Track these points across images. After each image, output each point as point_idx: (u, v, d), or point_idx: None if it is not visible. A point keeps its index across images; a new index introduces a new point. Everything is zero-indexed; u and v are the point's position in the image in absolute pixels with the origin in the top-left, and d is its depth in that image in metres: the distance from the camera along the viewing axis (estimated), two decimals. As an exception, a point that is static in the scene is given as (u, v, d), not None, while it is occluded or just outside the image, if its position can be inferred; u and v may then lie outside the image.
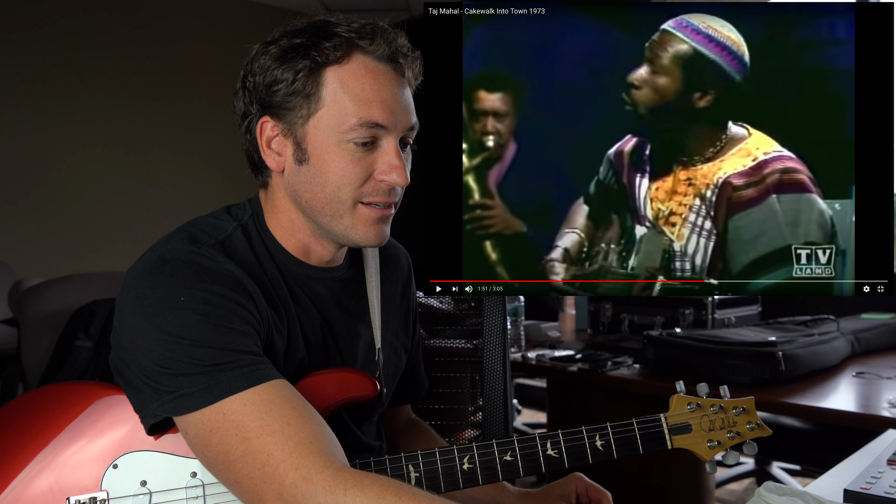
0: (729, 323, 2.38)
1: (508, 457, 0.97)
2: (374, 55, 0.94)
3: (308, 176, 0.95)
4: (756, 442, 1.05)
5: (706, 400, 1.04)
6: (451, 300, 1.49)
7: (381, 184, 0.96)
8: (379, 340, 1.08)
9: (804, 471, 2.86)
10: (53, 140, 4.39)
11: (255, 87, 0.96)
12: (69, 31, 4.42)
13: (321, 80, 0.93)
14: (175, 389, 0.86)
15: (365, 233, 0.97)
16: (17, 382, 2.68)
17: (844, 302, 2.55)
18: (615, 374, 1.94)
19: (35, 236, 4.32)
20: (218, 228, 0.98)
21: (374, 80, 0.93)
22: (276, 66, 0.94)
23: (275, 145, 0.97)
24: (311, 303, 1.02)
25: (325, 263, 1.04)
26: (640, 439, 1.00)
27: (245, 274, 0.92)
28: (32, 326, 2.54)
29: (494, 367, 1.37)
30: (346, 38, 0.93)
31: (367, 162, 0.94)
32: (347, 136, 0.93)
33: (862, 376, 1.84)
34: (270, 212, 1.02)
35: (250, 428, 0.83)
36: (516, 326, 2.41)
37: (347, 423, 1.05)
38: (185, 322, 0.86)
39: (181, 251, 0.91)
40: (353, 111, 0.92)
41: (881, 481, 1.00)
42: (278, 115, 0.95)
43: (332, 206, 0.95)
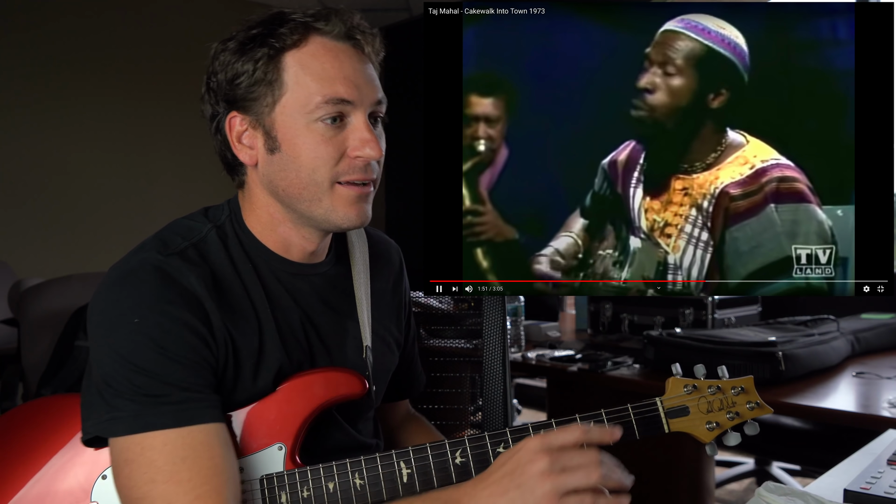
0: (729, 323, 2.37)
1: (501, 448, 0.96)
2: (330, 35, 0.95)
3: (282, 164, 0.95)
4: (757, 421, 1.03)
5: (703, 381, 1.02)
6: (450, 300, 1.49)
7: (356, 160, 0.95)
8: (368, 338, 1.07)
9: (804, 471, 2.86)
10: (54, 140, 4.39)
11: (218, 85, 0.97)
12: (70, 31, 4.42)
13: (281, 65, 0.93)
14: (111, 410, 0.87)
15: (346, 213, 0.96)
16: (17, 382, 2.68)
17: (844, 302, 2.55)
18: (615, 374, 1.94)
19: (35, 236, 4.32)
20: (192, 230, 0.98)
21: (333, 57, 0.94)
22: (236, 60, 0.94)
23: (245, 139, 0.97)
24: (293, 301, 1.01)
25: (308, 258, 1.03)
26: (635, 424, 0.99)
27: (206, 290, 0.92)
28: (32, 326, 2.54)
29: (494, 367, 1.37)
30: (301, 21, 0.94)
31: (338, 140, 0.94)
32: (314, 116, 0.93)
33: (862, 376, 1.84)
34: (248, 209, 1.02)
35: (161, 470, 0.85)
36: (516, 326, 2.41)
37: (340, 423, 1.04)
38: (134, 346, 0.87)
39: (148, 260, 0.91)
40: (317, 90, 0.92)
41: (881, 481, 1.00)
42: (245, 108, 0.96)
43: (310, 189, 0.95)
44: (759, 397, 1.03)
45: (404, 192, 6.02)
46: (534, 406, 4.24)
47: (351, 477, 0.93)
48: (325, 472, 0.93)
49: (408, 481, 0.94)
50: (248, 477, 0.93)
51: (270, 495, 0.93)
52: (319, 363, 1.02)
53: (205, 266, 0.94)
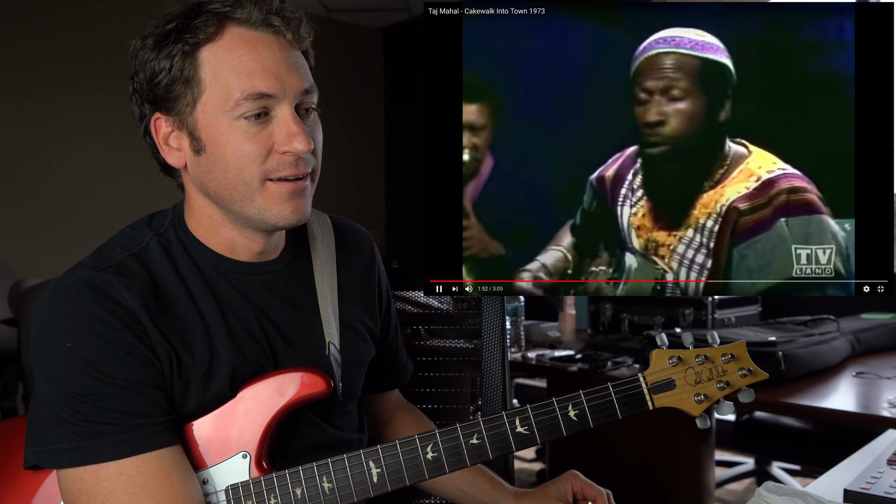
0: (729, 323, 2.38)
1: (475, 440, 0.93)
2: (247, 24, 0.89)
3: (209, 165, 0.91)
4: (752, 388, 0.96)
5: (690, 351, 0.96)
6: (451, 300, 1.48)
7: (285, 156, 0.90)
8: (334, 333, 1.03)
9: (804, 471, 2.86)
10: (54, 139, 4.39)
11: (140, 85, 0.93)
12: (68, 28, 4.42)
13: (197, 61, 0.89)
14: (52, 441, 0.85)
15: (280, 211, 0.92)
16: (17, 382, 2.68)
17: (844, 302, 2.55)
18: (615, 374, 1.94)
19: (35, 236, 4.32)
20: (133, 239, 0.96)
21: (251, 49, 0.89)
22: (153, 58, 0.90)
23: (172, 141, 0.94)
24: (246, 301, 0.97)
25: (257, 258, 1.00)
26: (617, 403, 0.94)
27: (143, 303, 0.89)
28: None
29: (493, 367, 1.37)
30: (215, 12, 0.89)
31: (263, 136, 0.89)
32: (236, 113, 0.88)
33: (862, 376, 1.84)
34: (189, 213, 0.99)
35: (120, 500, 0.84)
36: (516, 326, 2.41)
37: (313, 420, 1.02)
38: (69, 372, 0.85)
39: (81, 278, 0.89)
40: (236, 85, 0.88)
41: (881, 481, 1.00)
42: (167, 109, 0.92)
43: (240, 189, 0.91)
44: (753, 363, 0.96)
45: (404, 193, 6.02)
46: (534, 406, 4.24)
47: (319, 481, 0.91)
48: (292, 477, 0.92)
49: (378, 481, 0.92)
50: (213, 489, 0.92)
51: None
52: (283, 362, 0.98)
53: (144, 276, 0.91)
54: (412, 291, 1.44)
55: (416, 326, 1.45)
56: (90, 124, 4.51)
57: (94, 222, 4.48)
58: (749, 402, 0.96)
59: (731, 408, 0.97)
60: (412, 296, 1.46)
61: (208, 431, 0.93)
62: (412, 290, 1.44)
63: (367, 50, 6.05)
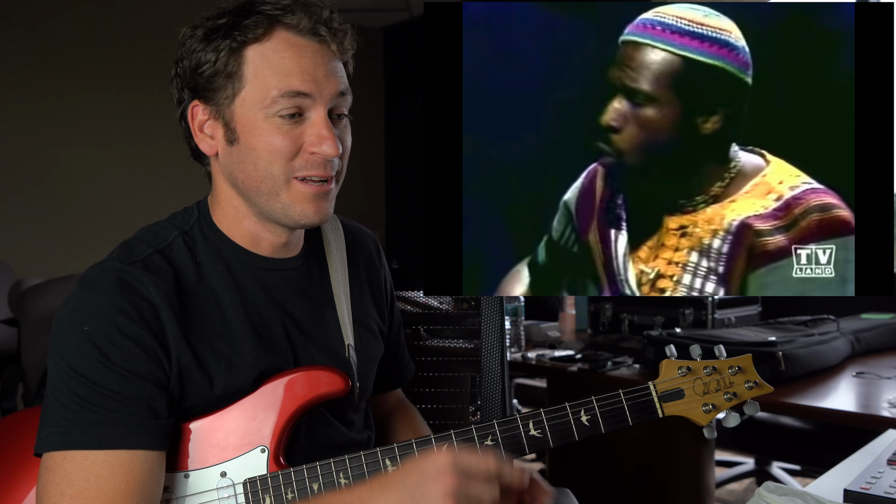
0: (729, 323, 2.38)
1: (489, 441, 0.95)
2: (295, 29, 0.93)
3: (240, 156, 0.95)
4: (757, 401, 0.99)
5: (698, 362, 0.99)
6: (450, 300, 1.48)
7: (313, 156, 0.94)
8: (350, 336, 1.05)
9: (804, 471, 2.86)
10: (54, 138, 4.39)
11: (184, 71, 0.96)
12: (69, 26, 4.42)
13: (242, 59, 0.92)
14: (45, 426, 0.87)
15: (303, 210, 0.95)
16: (17, 382, 2.68)
17: (844, 302, 2.55)
18: (615, 374, 1.94)
19: (35, 236, 4.32)
20: (158, 237, 0.97)
21: (294, 52, 0.93)
22: (201, 48, 0.94)
23: (207, 129, 0.97)
24: (270, 298, 1.00)
25: (279, 252, 1.02)
26: (628, 410, 0.97)
27: (167, 299, 0.91)
28: (32, 326, 2.54)
29: (493, 367, 1.37)
30: (267, 14, 0.92)
31: (295, 134, 0.93)
32: (272, 110, 0.92)
33: (862, 376, 1.84)
34: (215, 204, 1.01)
35: (72, 485, 0.83)
36: (516, 326, 2.41)
37: (329, 419, 1.03)
38: (78, 352, 0.86)
39: (111, 269, 0.91)
40: (274, 84, 0.92)
41: (881, 481, 1.00)
42: (206, 98, 0.95)
43: (267, 183, 0.94)
44: (759, 376, 0.99)
45: (404, 193, 6.02)
46: (534, 406, 4.23)
47: (336, 477, 0.93)
48: (310, 472, 0.93)
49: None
50: (232, 481, 0.93)
51: (254, 499, 0.92)
52: (302, 359, 1.00)
53: (169, 272, 0.93)
54: (412, 291, 1.45)
55: (416, 326, 1.45)
56: (90, 125, 4.51)
57: (95, 222, 4.49)
58: (754, 414, 0.98)
59: (737, 419, 1.00)
60: (412, 296, 1.46)
61: (227, 425, 0.94)
62: (412, 290, 1.44)
63: (368, 50, 6.05)
